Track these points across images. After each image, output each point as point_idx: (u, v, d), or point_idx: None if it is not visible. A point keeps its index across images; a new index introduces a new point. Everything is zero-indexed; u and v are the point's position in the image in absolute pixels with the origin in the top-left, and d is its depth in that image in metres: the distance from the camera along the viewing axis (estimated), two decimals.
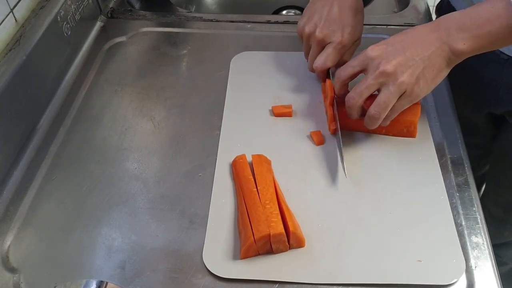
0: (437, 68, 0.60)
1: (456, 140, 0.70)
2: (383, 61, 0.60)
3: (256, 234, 0.55)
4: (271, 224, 0.56)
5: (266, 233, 0.55)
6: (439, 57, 0.59)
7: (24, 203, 0.65)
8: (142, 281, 0.56)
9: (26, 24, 0.75)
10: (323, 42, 0.72)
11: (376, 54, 0.61)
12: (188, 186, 0.66)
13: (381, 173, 0.65)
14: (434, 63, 0.60)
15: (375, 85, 0.61)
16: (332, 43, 0.71)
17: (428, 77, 0.60)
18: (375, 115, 0.62)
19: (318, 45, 0.73)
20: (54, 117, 0.76)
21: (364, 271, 0.56)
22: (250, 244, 0.56)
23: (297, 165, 0.67)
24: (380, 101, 0.61)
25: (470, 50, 0.59)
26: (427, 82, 0.61)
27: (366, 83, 0.62)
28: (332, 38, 0.71)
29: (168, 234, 0.61)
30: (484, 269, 0.56)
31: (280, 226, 0.56)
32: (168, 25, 0.95)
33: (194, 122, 0.75)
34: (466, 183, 0.65)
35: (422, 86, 0.61)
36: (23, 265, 0.58)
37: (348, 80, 0.66)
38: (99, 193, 0.66)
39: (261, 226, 0.56)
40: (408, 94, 0.61)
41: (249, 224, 0.57)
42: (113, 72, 0.85)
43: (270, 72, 0.81)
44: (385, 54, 0.61)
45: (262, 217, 0.57)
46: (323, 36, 0.71)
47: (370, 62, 0.61)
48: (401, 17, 0.94)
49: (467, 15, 0.58)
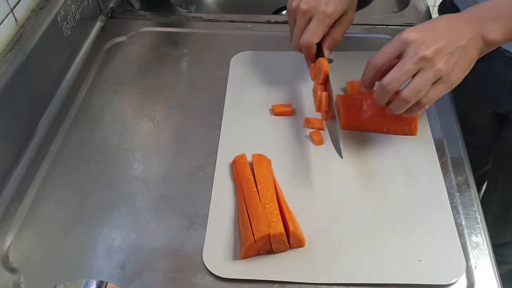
0: (471, 57, 0.60)
1: (456, 140, 0.70)
2: (422, 46, 0.58)
3: (256, 234, 0.55)
4: (271, 224, 0.56)
5: (266, 233, 0.55)
6: (473, 47, 0.59)
7: (24, 203, 0.65)
8: (142, 281, 0.56)
9: (26, 24, 0.75)
10: (308, 14, 0.69)
11: (415, 38, 0.59)
12: (188, 186, 0.66)
13: (381, 173, 0.65)
14: (469, 53, 0.59)
15: (413, 70, 0.59)
16: (315, 14, 0.68)
17: (463, 65, 0.60)
18: (407, 98, 0.60)
19: (303, 16, 0.69)
20: (54, 117, 0.76)
21: (364, 271, 0.56)
22: (250, 244, 0.55)
23: (297, 165, 0.67)
24: (414, 84, 0.59)
25: (502, 40, 0.59)
26: (461, 71, 0.60)
27: (405, 68, 0.59)
28: (316, 9, 0.68)
29: (168, 234, 0.61)
30: (484, 269, 0.56)
31: (280, 226, 0.56)
32: (168, 25, 0.95)
33: (194, 122, 0.75)
34: (466, 183, 0.65)
35: (458, 74, 0.60)
36: (23, 265, 0.58)
37: (384, 67, 0.62)
38: (99, 193, 0.66)
39: (261, 226, 0.56)
40: (443, 81, 0.60)
41: (249, 224, 0.57)
42: (113, 72, 0.85)
43: (270, 71, 0.81)
44: (423, 39, 0.59)
45: (262, 217, 0.57)
46: (307, 7, 0.69)
47: (407, 46, 0.59)
48: (401, 17, 0.94)
49: (499, 5, 0.59)
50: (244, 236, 0.57)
